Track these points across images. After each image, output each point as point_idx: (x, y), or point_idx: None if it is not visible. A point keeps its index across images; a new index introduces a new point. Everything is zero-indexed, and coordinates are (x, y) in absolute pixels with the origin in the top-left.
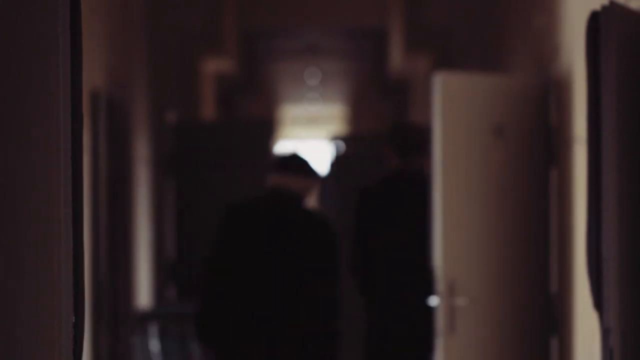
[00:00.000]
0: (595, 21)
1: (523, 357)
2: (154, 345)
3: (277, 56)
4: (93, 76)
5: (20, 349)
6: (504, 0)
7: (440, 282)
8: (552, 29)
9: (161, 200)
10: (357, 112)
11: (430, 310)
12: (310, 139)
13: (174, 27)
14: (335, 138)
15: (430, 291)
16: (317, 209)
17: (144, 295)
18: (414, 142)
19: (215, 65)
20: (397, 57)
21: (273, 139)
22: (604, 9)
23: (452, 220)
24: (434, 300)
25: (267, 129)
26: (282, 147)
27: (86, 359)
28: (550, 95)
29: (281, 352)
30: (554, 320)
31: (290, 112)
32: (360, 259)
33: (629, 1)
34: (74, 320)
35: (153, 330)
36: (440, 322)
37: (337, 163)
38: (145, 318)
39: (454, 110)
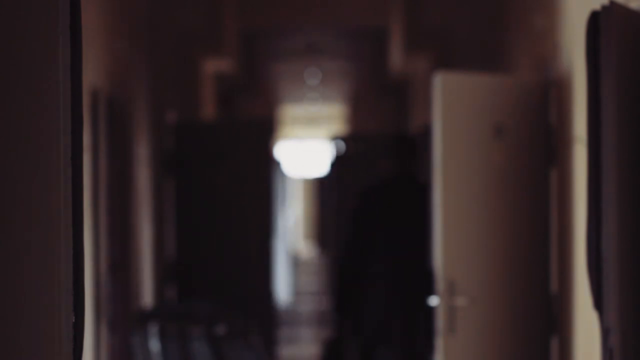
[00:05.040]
0: (595, 21)
1: (523, 357)
2: (154, 345)
3: (277, 56)
4: (93, 76)
5: (20, 349)
6: (504, 0)
7: (440, 282)
8: (552, 29)
9: (161, 200)
10: (357, 112)
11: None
12: (310, 139)
13: (174, 27)
14: (335, 138)
15: (429, 291)
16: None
17: (144, 295)
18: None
19: (215, 65)
20: (397, 57)
21: (273, 139)
22: (604, 9)
23: (452, 220)
24: (434, 300)
25: (267, 129)
26: (282, 146)
27: (86, 359)
28: (550, 95)
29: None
30: (554, 320)
31: (290, 112)
32: None
33: (629, 1)
34: (74, 320)
35: (153, 330)
36: (440, 322)
37: (337, 163)
38: (145, 318)
39: (454, 110)
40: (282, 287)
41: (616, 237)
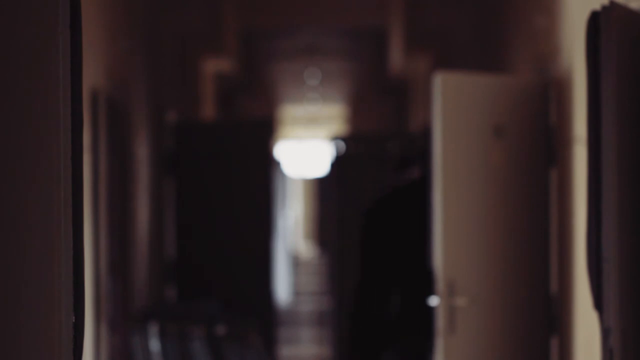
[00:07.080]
0: (595, 21)
1: (523, 357)
2: (154, 345)
3: (277, 56)
4: (93, 76)
5: (20, 349)
6: (504, 0)
7: (440, 282)
8: (552, 29)
9: (161, 200)
10: (357, 112)
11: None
12: (310, 139)
13: (174, 27)
14: (335, 138)
15: (430, 291)
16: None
17: (143, 295)
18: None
19: (215, 65)
20: (397, 57)
21: (273, 139)
22: (604, 9)
23: (452, 220)
24: (434, 300)
25: (267, 129)
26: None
27: (86, 359)
28: (550, 95)
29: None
30: (554, 320)
31: (290, 112)
32: None
33: (629, 1)
34: (74, 320)
35: (153, 330)
36: (440, 322)
37: (337, 163)
38: (145, 318)
39: (454, 110)
40: (282, 287)
41: (616, 237)
